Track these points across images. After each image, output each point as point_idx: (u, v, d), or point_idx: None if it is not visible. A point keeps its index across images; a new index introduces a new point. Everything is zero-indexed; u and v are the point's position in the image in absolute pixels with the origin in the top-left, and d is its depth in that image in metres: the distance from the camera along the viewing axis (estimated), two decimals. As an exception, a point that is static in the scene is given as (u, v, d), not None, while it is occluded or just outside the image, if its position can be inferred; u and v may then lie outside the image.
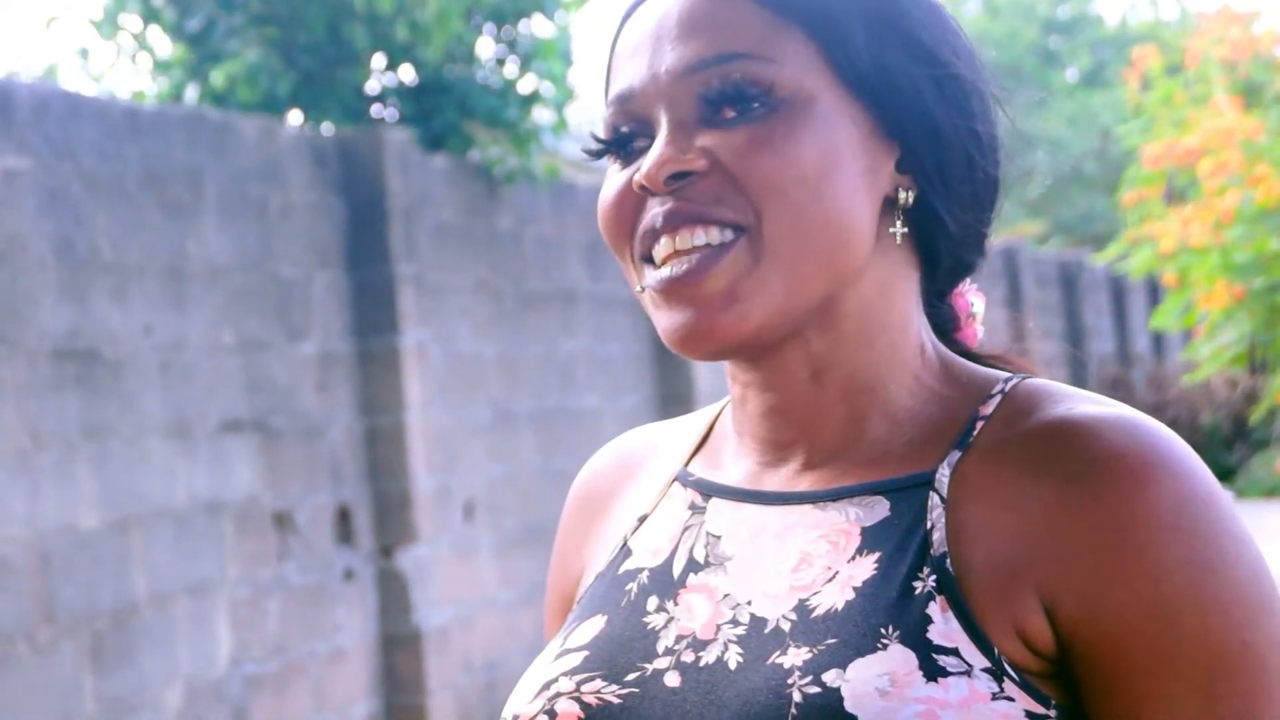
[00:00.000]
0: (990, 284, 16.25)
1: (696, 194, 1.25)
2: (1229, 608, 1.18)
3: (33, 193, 5.37)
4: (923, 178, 1.30)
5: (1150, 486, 1.19)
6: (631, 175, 1.29)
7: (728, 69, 1.26)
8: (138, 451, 5.75)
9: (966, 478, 1.25)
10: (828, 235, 1.26)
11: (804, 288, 1.26)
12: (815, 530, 1.28)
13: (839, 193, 1.26)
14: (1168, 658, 1.17)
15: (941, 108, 1.30)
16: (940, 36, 1.31)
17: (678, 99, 1.27)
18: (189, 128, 6.21)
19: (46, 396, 5.35)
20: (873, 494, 1.27)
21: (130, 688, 5.62)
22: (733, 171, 1.25)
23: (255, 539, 6.33)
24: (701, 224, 1.26)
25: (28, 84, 5.68)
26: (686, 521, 1.36)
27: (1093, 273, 19.38)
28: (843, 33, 1.27)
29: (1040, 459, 1.23)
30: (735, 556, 1.30)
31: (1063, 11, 33.82)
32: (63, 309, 5.46)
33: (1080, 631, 1.19)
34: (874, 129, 1.28)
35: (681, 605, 1.30)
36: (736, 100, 1.26)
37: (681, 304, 1.26)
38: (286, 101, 8.03)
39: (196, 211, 6.18)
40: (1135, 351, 21.43)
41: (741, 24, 1.27)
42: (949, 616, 1.19)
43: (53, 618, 5.30)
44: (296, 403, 6.64)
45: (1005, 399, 1.29)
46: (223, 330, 6.26)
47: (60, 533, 5.36)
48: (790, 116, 1.25)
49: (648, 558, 1.36)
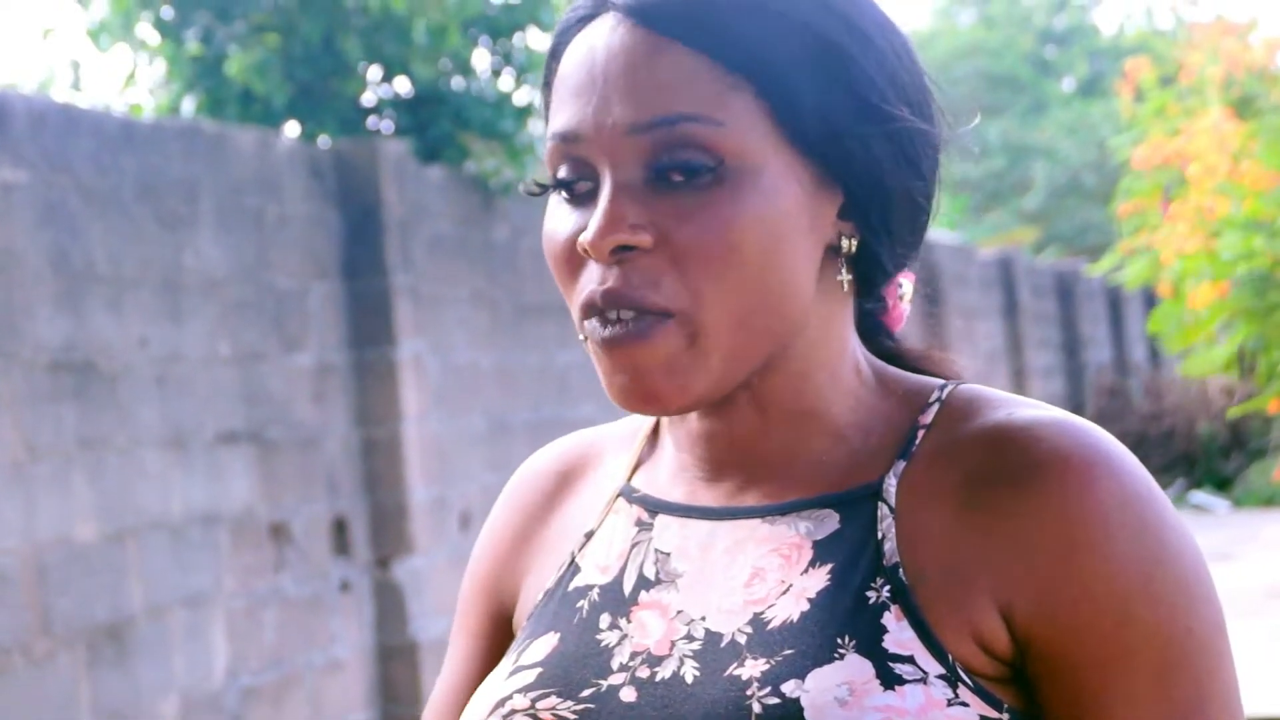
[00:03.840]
0: (987, 293, 16.29)
1: (636, 273, 1.24)
2: (1175, 597, 1.22)
3: (29, 205, 5.38)
4: (865, 226, 1.29)
5: (1095, 486, 1.22)
6: (577, 227, 1.27)
7: (676, 132, 1.23)
8: (134, 463, 5.76)
9: (913, 486, 1.27)
10: (768, 312, 1.26)
11: (744, 360, 1.27)
12: (766, 544, 1.28)
13: (782, 265, 1.25)
14: (1123, 651, 1.21)
15: (888, 161, 1.28)
16: (891, 87, 1.29)
17: (622, 157, 1.25)
18: (185, 140, 6.22)
19: (42, 408, 5.36)
20: (821, 507, 1.28)
21: (126, 699, 5.62)
22: (676, 251, 1.23)
23: (251, 550, 6.34)
24: (633, 307, 1.24)
25: (24, 96, 5.69)
26: (634, 538, 1.35)
27: (1089, 282, 19.40)
28: (792, 93, 1.25)
29: (984, 464, 1.25)
30: (686, 573, 1.30)
31: (1059, 21, 33.86)
32: (59, 321, 5.47)
33: (1036, 631, 1.22)
34: (819, 181, 1.27)
35: (635, 622, 1.30)
36: (684, 169, 1.24)
37: (622, 367, 1.26)
38: (282, 113, 8.04)
39: (192, 223, 6.18)
40: (1132, 361, 21.45)
41: (690, 81, 1.24)
42: (904, 625, 1.21)
43: (49, 629, 5.30)
44: (293, 414, 6.65)
45: (943, 407, 1.30)
46: (219, 342, 6.27)
47: (56, 544, 5.37)
48: (737, 189, 1.23)
49: (597, 575, 1.35)
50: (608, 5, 1.28)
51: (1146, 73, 8.48)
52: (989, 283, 16.54)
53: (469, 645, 1.46)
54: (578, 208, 1.28)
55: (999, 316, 16.63)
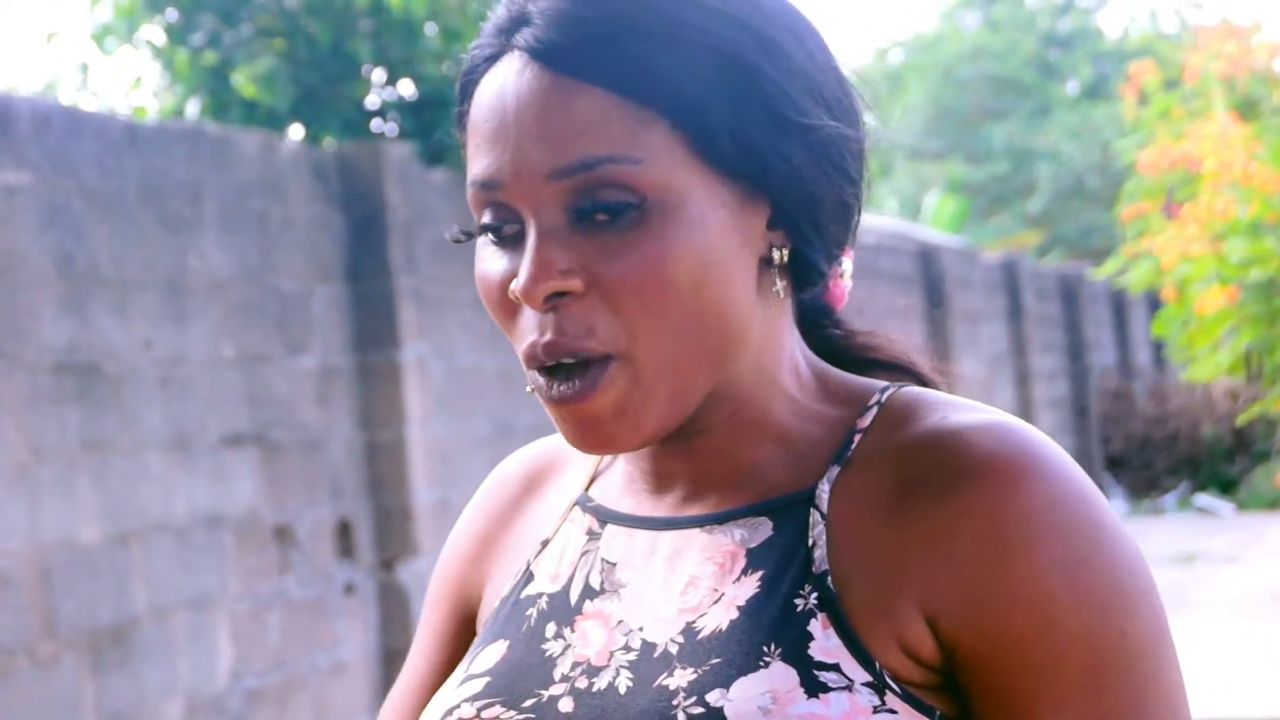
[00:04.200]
0: (991, 297, 16.29)
1: (571, 321, 1.23)
2: (1107, 601, 1.20)
3: (33, 208, 5.38)
4: (796, 234, 1.28)
5: (1021, 489, 1.21)
6: (508, 271, 1.26)
7: (595, 175, 1.22)
8: (138, 465, 5.76)
9: (846, 493, 1.26)
10: (709, 338, 1.25)
11: (693, 389, 1.26)
12: (703, 553, 1.28)
13: (717, 290, 1.24)
14: (1052, 657, 1.19)
15: (811, 169, 1.27)
16: (806, 96, 1.27)
17: (545, 202, 1.24)
18: (189, 142, 6.22)
19: (47, 411, 5.36)
20: (757, 515, 1.28)
21: (130, 701, 5.62)
22: (608, 291, 1.23)
23: (256, 553, 6.34)
24: (573, 353, 1.24)
25: (28, 99, 5.69)
26: (584, 547, 1.36)
27: (1093, 286, 19.40)
28: (706, 119, 1.23)
29: (914, 470, 1.24)
30: (629, 583, 1.31)
31: (1063, 25, 33.86)
32: (63, 323, 5.47)
33: (963, 639, 1.20)
34: (744, 199, 1.26)
35: (578, 632, 1.30)
36: (607, 209, 1.23)
37: (572, 418, 1.25)
38: (286, 116, 8.05)
39: (197, 226, 6.19)
40: (1136, 364, 21.45)
41: (604, 122, 1.23)
42: (830, 633, 1.21)
43: (53, 631, 5.31)
44: (297, 416, 6.65)
45: (882, 410, 1.30)
46: (223, 344, 6.27)
47: (60, 547, 5.37)
48: (663, 223, 1.22)
49: (548, 583, 1.36)
50: (511, 45, 1.27)
51: (1151, 76, 8.48)
52: (993, 286, 16.53)
53: (430, 645, 1.47)
54: (507, 250, 1.27)
55: (1003, 320, 16.63)
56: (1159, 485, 18.47)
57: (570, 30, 1.24)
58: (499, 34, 1.28)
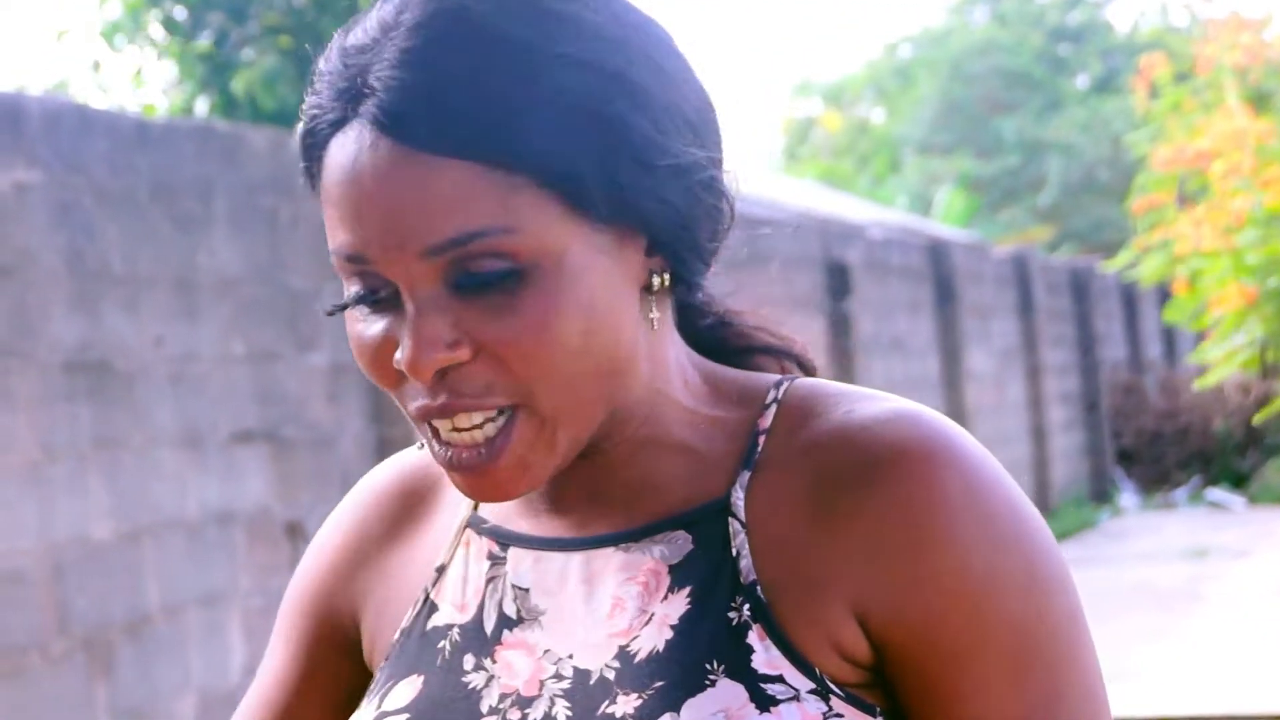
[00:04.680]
0: (1002, 291, 16.28)
1: (466, 383, 1.19)
2: (1027, 585, 1.20)
3: (43, 206, 5.38)
4: (673, 257, 1.24)
5: (935, 478, 1.20)
6: (387, 336, 1.21)
7: (469, 249, 1.17)
8: (149, 463, 5.76)
9: (759, 497, 1.24)
10: (601, 381, 1.22)
11: (585, 430, 1.23)
12: (623, 573, 1.25)
13: (604, 336, 1.21)
14: (975, 643, 1.19)
15: (682, 197, 1.22)
16: (670, 132, 1.22)
17: (418, 278, 1.18)
18: (199, 140, 6.22)
19: (58, 408, 5.36)
20: (672, 529, 1.25)
21: (143, 699, 5.62)
22: (496, 354, 1.18)
23: (267, 549, 6.34)
24: (477, 409, 1.20)
25: (38, 97, 5.69)
26: (488, 573, 1.31)
27: (1104, 280, 19.38)
28: (576, 177, 1.18)
29: (826, 468, 1.22)
30: (548, 609, 1.27)
31: (1072, 19, 33.84)
32: (74, 321, 5.47)
33: (891, 634, 1.20)
34: (620, 239, 1.21)
35: (500, 663, 1.26)
36: (485, 280, 1.18)
37: (475, 479, 1.22)
38: (295, 113, 8.04)
39: (207, 223, 6.19)
40: (1147, 358, 21.43)
41: (470, 194, 1.17)
42: (768, 644, 1.19)
43: (65, 629, 5.31)
44: (307, 413, 6.65)
45: (781, 408, 1.27)
46: (233, 341, 6.27)
47: (72, 544, 5.37)
48: (542, 283, 1.18)
49: (455, 614, 1.30)
50: (357, 114, 1.19)
51: (1162, 69, 8.46)
52: (1003, 281, 16.52)
53: (288, 656, 1.40)
54: (381, 314, 1.21)
55: (1014, 314, 16.61)
56: (1170, 480, 18.46)
57: (418, 102, 1.17)
58: (340, 99, 1.21)
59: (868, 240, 13.48)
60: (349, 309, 1.23)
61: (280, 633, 1.41)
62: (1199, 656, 9.37)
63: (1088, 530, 15.77)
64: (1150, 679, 8.53)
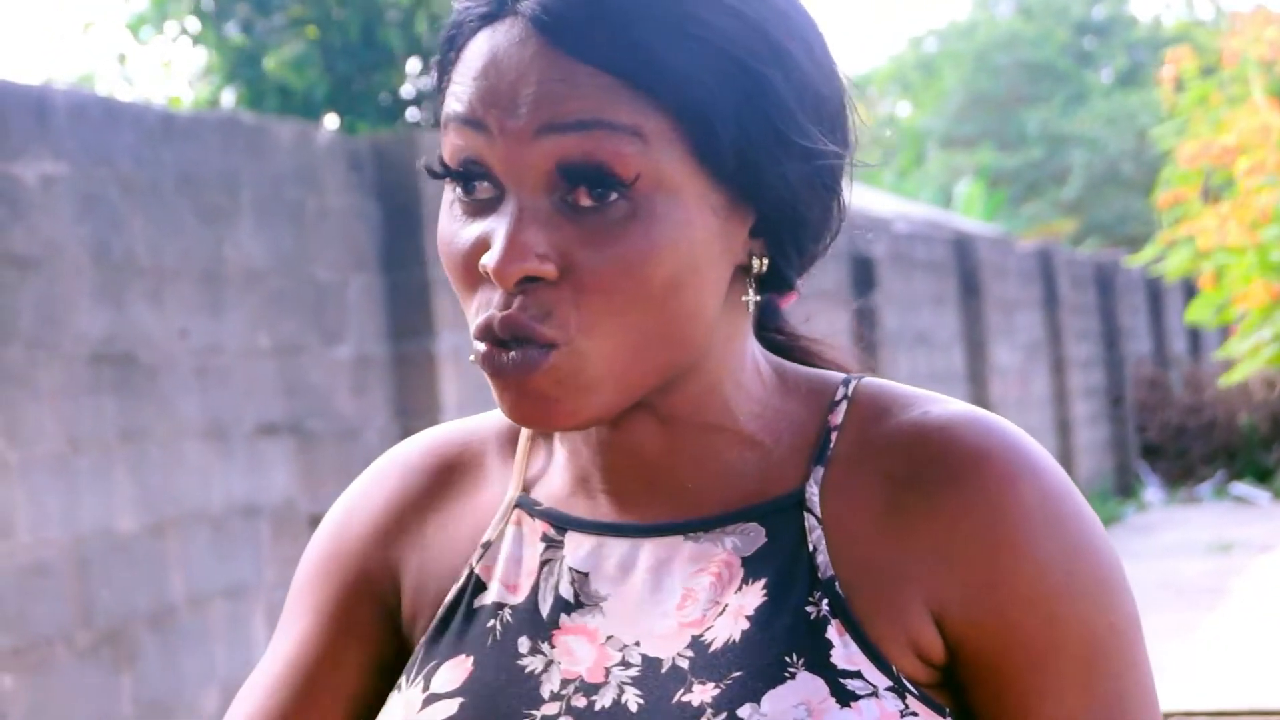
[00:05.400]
0: (1026, 285, 16.25)
1: (534, 303, 1.18)
2: (1096, 592, 1.22)
3: (69, 198, 5.40)
4: (775, 247, 1.23)
5: (1015, 485, 1.21)
6: (478, 240, 1.19)
7: (592, 138, 1.15)
8: (174, 455, 5.77)
9: (834, 494, 1.23)
10: (668, 341, 1.20)
11: (637, 385, 1.20)
12: (692, 564, 1.23)
13: (689, 296, 1.19)
14: (1049, 648, 1.20)
15: (804, 187, 1.21)
16: (810, 113, 1.21)
17: (529, 166, 1.17)
18: (224, 132, 6.23)
19: (84, 400, 5.38)
20: (745, 520, 1.24)
21: (168, 691, 5.64)
22: (580, 282, 1.16)
23: (292, 542, 6.35)
24: (526, 339, 1.18)
25: (64, 90, 5.71)
26: (543, 555, 1.28)
27: (1129, 274, 19.33)
28: (711, 123, 1.17)
29: (904, 467, 1.22)
30: (610, 596, 1.24)
31: (1097, 12, 33.76)
32: (99, 313, 5.48)
33: (966, 634, 1.20)
34: (732, 206, 1.20)
35: (559, 647, 1.24)
36: (596, 183, 1.16)
37: (510, 390, 1.20)
38: (322, 105, 8.06)
39: (232, 215, 6.20)
40: (1172, 353, 21.37)
41: (606, 99, 1.16)
42: (847, 639, 1.19)
43: (90, 621, 5.32)
44: (333, 406, 6.66)
45: (851, 405, 1.27)
46: (259, 333, 6.28)
47: (98, 536, 5.39)
48: (650, 219, 1.16)
49: (505, 593, 1.28)
50: (513, 10, 1.19)
51: (1188, 62, 8.44)
52: (1028, 274, 16.49)
53: (312, 625, 1.35)
54: (476, 216, 1.20)
55: (1038, 308, 16.58)
56: (1195, 474, 18.42)
57: (577, 7, 1.17)
58: None
59: (892, 234, 13.46)
60: (445, 191, 1.23)
61: (301, 604, 1.38)
62: (1223, 651, 9.35)
63: (1113, 524, 15.74)
64: (1174, 673, 8.52)
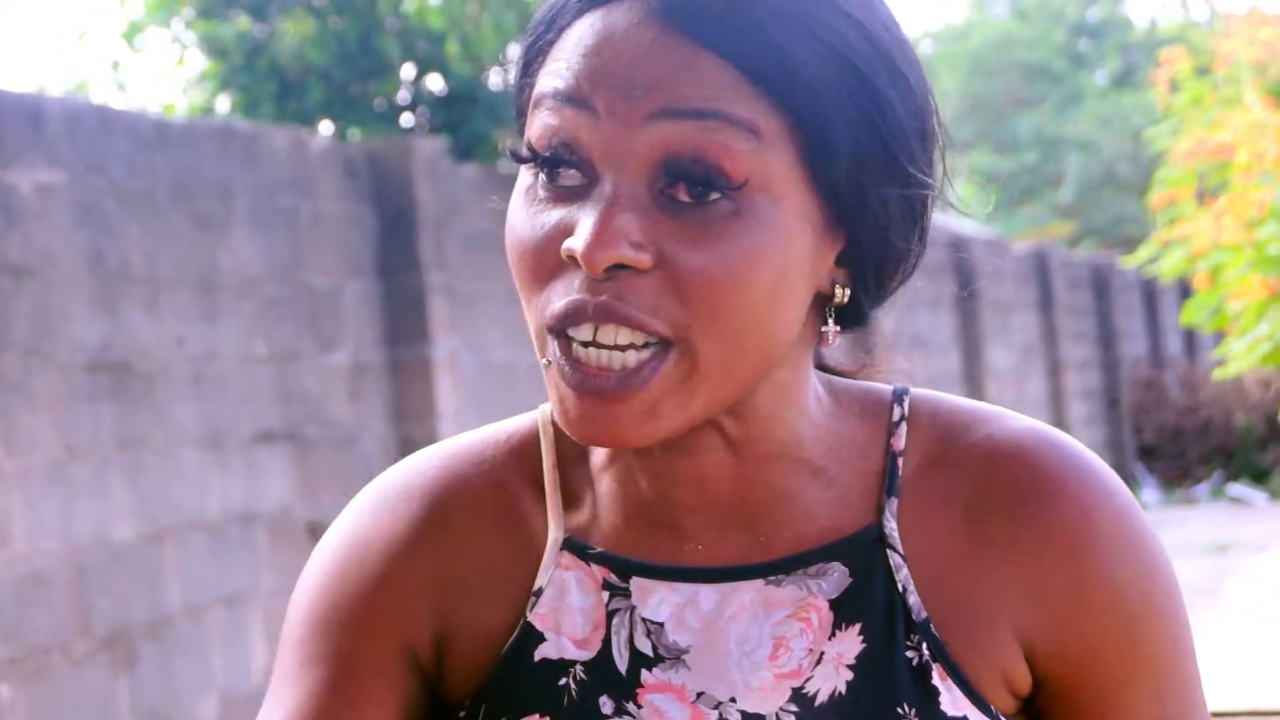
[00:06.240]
0: (1022, 287, 16.25)
1: (633, 293, 1.09)
2: (1166, 609, 1.22)
3: (65, 206, 5.39)
4: (859, 279, 1.17)
5: (1094, 511, 1.20)
6: (558, 227, 1.12)
7: (707, 130, 1.09)
8: (171, 463, 5.77)
9: (911, 526, 1.20)
10: (759, 356, 1.14)
11: (721, 399, 1.14)
12: (779, 610, 1.18)
13: (780, 313, 1.13)
14: (1129, 672, 1.20)
15: (899, 218, 1.16)
16: (918, 142, 1.17)
17: (633, 152, 1.10)
18: (219, 140, 6.23)
19: (80, 409, 5.37)
20: (826, 560, 1.19)
21: (164, 699, 5.63)
22: (679, 279, 1.09)
23: (289, 549, 6.35)
24: (631, 326, 1.10)
25: (59, 98, 5.71)
26: (609, 605, 1.20)
27: (1124, 275, 19.33)
28: (830, 135, 1.12)
29: (981, 494, 1.20)
30: (692, 647, 1.18)
31: (1092, 14, 33.77)
32: (95, 322, 5.48)
33: (1053, 665, 1.20)
34: (827, 226, 1.15)
35: (646, 707, 1.17)
36: (701, 181, 1.10)
37: (586, 406, 1.12)
38: (316, 112, 8.06)
39: (227, 223, 6.20)
40: (1167, 354, 21.37)
41: (731, 87, 1.10)
42: (950, 684, 1.17)
43: (87, 629, 5.32)
44: (329, 413, 6.66)
45: (911, 426, 1.23)
46: (255, 341, 6.28)
47: (95, 545, 5.38)
48: (754, 222, 1.10)
49: (571, 647, 1.20)
50: None
51: (1182, 63, 8.44)
52: (1024, 276, 16.49)
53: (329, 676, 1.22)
54: (557, 203, 1.12)
55: (1034, 310, 16.58)
56: (1191, 475, 18.41)
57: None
58: None
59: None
60: (522, 175, 1.15)
61: (308, 653, 1.23)
62: (1220, 651, 9.35)
63: (1109, 526, 15.70)
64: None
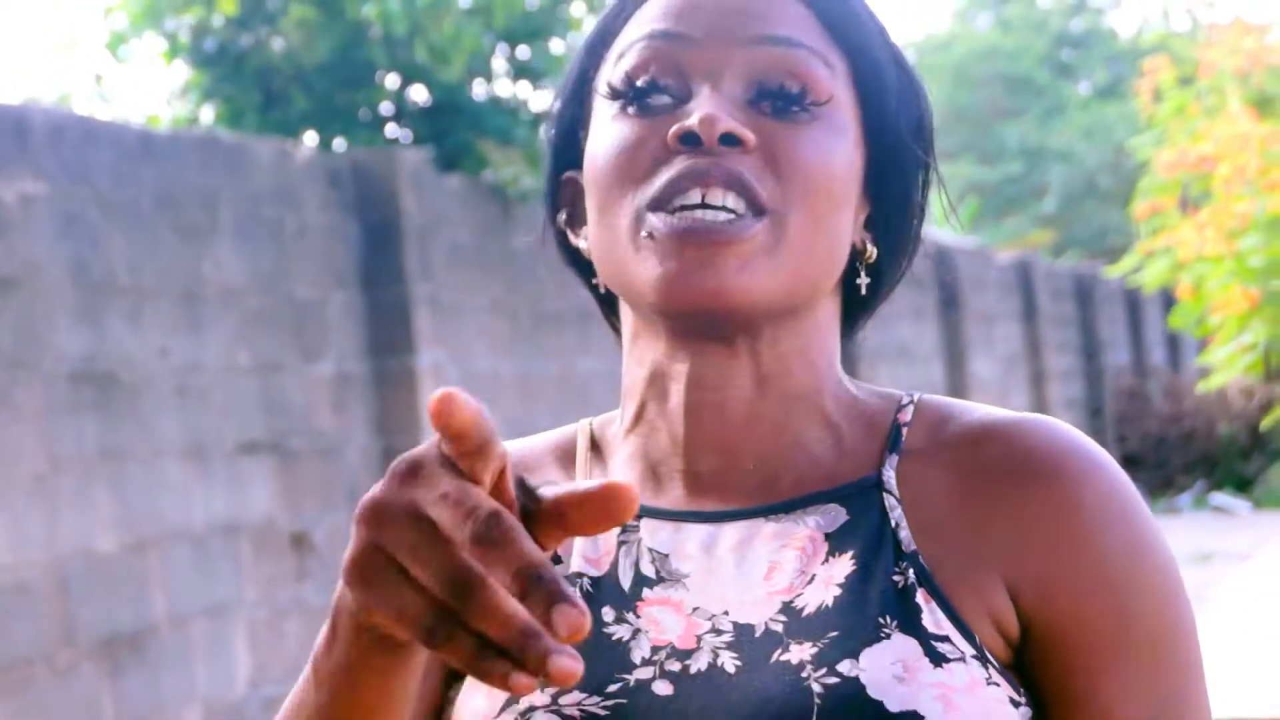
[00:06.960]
0: (1005, 297, 16.27)
1: (740, 164, 1.24)
2: (1159, 587, 1.27)
3: (49, 217, 5.39)
4: (883, 242, 1.34)
5: (1086, 481, 1.26)
6: (660, 127, 1.26)
7: (796, 55, 1.26)
8: (155, 474, 5.76)
9: (909, 480, 1.29)
10: (830, 245, 1.28)
11: (802, 282, 1.27)
12: (776, 540, 1.27)
13: (844, 217, 1.29)
14: (1116, 637, 1.25)
15: (916, 195, 1.34)
16: (931, 129, 1.34)
17: (731, 67, 1.26)
18: (203, 151, 6.23)
19: (64, 420, 5.37)
20: (825, 502, 1.29)
21: (149, 709, 5.62)
22: (776, 159, 1.25)
23: (273, 560, 6.34)
24: (739, 190, 1.24)
25: (43, 109, 5.70)
26: (619, 537, 1.31)
27: (1108, 285, 19.37)
28: (881, 95, 1.30)
29: (977, 459, 1.29)
30: (692, 573, 1.28)
31: (1075, 25, 33.83)
32: (79, 332, 5.48)
33: (1039, 615, 1.25)
34: (864, 184, 1.32)
35: (645, 617, 1.27)
36: (792, 99, 1.26)
37: (689, 257, 1.23)
38: (300, 122, 8.06)
39: (211, 234, 6.19)
40: (1151, 363, 21.41)
41: (811, 26, 1.28)
42: (934, 607, 1.23)
43: (72, 640, 5.31)
44: (313, 423, 6.65)
45: (917, 408, 1.34)
46: (239, 352, 6.27)
47: (78, 555, 5.38)
48: (832, 131, 1.27)
49: (585, 565, 1.30)
50: None
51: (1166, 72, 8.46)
52: (1007, 286, 16.52)
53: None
54: (648, 118, 1.27)
55: (1017, 320, 16.61)
56: (1175, 484, 18.45)
57: None
58: None
59: (871, 247, 13.47)
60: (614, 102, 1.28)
61: None
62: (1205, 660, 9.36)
63: (1093, 536, 15.72)
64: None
